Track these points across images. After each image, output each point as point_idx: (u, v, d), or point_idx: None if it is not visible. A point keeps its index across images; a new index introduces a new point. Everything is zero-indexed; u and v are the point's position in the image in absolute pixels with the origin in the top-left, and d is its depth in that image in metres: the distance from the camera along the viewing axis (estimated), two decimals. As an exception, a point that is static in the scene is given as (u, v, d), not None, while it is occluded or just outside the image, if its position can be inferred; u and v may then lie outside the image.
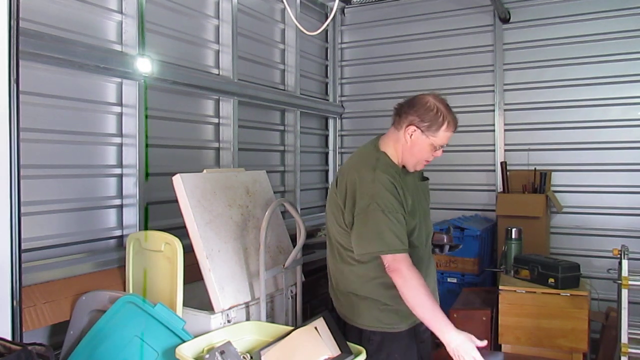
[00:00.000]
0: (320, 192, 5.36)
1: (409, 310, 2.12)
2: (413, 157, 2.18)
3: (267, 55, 4.42)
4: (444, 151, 2.24)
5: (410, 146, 2.15)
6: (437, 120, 2.09)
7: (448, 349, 1.99)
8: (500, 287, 3.29)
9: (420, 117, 2.10)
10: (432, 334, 2.25)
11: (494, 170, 4.66)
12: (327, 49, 5.36)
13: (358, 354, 2.06)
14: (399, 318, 2.23)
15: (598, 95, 4.31)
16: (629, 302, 2.83)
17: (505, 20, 4.58)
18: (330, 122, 5.39)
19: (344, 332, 2.22)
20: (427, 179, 2.44)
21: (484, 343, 1.97)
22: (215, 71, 3.81)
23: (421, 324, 2.30)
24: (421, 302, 2.02)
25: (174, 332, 2.19)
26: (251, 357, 2.25)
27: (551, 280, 3.17)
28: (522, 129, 4.59)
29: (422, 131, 2.11)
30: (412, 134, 2.13)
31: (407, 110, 2.15)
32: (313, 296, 3.43)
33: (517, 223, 3.85)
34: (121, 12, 3.02)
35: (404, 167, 2.23)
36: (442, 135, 2.12)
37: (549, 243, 4.36)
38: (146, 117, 3.06)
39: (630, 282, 2.83)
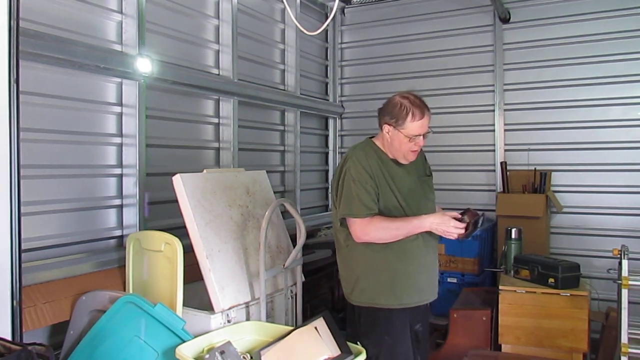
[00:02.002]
0: (320, 192, 5.36)
1: (391, 288, 2.34)
2: (398, 151, 2.40)
3: (267, 55, 4.42)
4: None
5: (390, 142, 2.40)
6: (401, 114, 2.33)
7: (434, 231, 2.29)
8: (500, 287, 3.29)
9: (390, 115, 2.37)
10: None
11: (494, 170, 4.65)
12: (327, 49, 5.36)
13: (358, 354, 2.07)
14: (382, 294, 2.35)
15: (598, 95, 4.31)
16: (629, 302, 2.82)
17: (505, 20, 4.58)
18: (330, 122, 5.39)
19: (345, 308, 2.44)
20: (430, 175, 2.62)
21: (454, 213, 2.30)
22: (215, 71, 3.81)
23: (415, 317, 2.43)
24: (396, 229, 2.29)
25: (174, 332, 2.19)
26: (251, 357, 2.25)
27: (551, 280, 3.17)
28: (522, 129, 4.59)
29: (394, 127, 2.36)
30: (388, 132, 2.39)
31: (381, 112, 2.43)
32: (313, 296, 3.44)
33: (517, 223, 3.85)
34: (121, 12, 3.02)
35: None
36: (411, 125, 2.33)
37: (549, 243, 4.36)
38: (146, 117, 3.06)
39: (630, 282, 2.83)
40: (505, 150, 4.62)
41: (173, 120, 3.47)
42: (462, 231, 2.25)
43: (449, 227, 2.25)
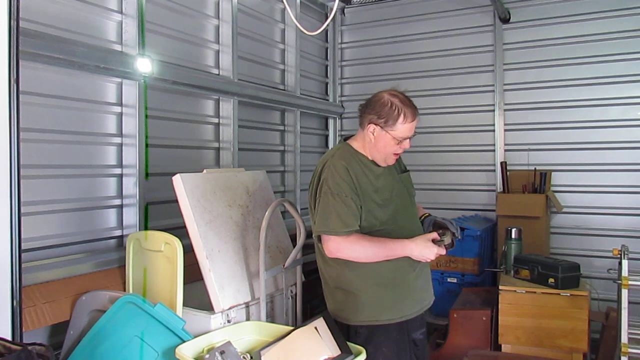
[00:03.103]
0: (320, 192, 5.35)
1: (392, 302, 2.23)
2: (380, 153, 2.26)
3: (267, 55, 4.42)
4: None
5: (374, 143, 2.24)
6: (392, 115, 2.18)
7: (414, 258, 2.18)
8: (500, 287, 3.29)
9: (377, 114, 2.20)
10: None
11: (494, 170, 4.65)
12: (327, 49, 5.36)
13: (358, 354, 2.07)
14: (383, 310, 2.25)
15: (598, 95, 4.30)
16: (629, 302, 2.83)
17: (505, 20, 4.58)
18: (330, 122, 5.39)
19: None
20: (407, 171, 2.51)
21: (433, 235, 2.20)
22: (215, 71, 3.81)
23: (414, 325, 2.36)
24: (373, 252, 2.16)
25: (174, 332, 2.19)
26: (251, 357, 2.25)
27: (551, 280, 3.17)
28: (522, 129, 4.59)
29: (381, 127, 2.20)
30: (373, 131, 2.23)
31: (366, 109, 2.26)
32: (313, 296, 3.43)
33: (517, 223, 3.85)
34: (121, 12, 3.02)
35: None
36: (401, 127, 2.19)
37: (549, 243, 4.36)
38: (146, 117, 3.06)
39: (630, 282, 2.83)
40: (505, 150, 4.62)
41: (173, 120, 3.47)
42: (443, 252, 2.18)
43: (431, 254, 2.15)
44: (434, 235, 2.20)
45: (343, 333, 2.26)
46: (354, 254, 2.17)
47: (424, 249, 2.16)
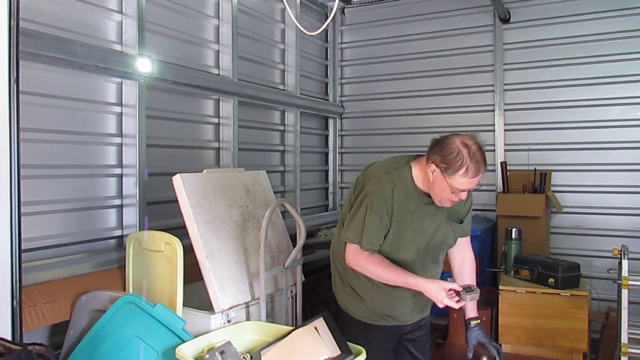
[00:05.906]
0: (320, 192, 5.36)
1: (383, 310, 2.32)
2: (435, 194, 2.19)
3: (267, 55, 4.42)
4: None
5: (432, 183, 2.16)
6: (454, 164, 2.06)
7: (427, 295, 2.17)
8: (500, 287, 3.29)
9: (442, 157, 2.09)
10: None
11: (494, 170, 4.64)
12: (327, 49, 5.36)
13: (358, 354, 2.07)
14: (372, 314, 2.35)
15: (598, 95, 4.30)
16: (629, 302, 2.83)
17: (505, 20, 4.58)
18: (330, 122, 5.39)
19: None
20: (462, 221, 2.42)
21: (454, 285, 2.18)
22: (215, 71, 3.81)
23: (406, 327, 2.42)
24: (385, 278, 2.22)
25: (174, 332, 2.19)
26: (251, 357, 2.25)
27: (551, 280, 3.17)
28: (522, 129, 4.59)
29: (441, 171, 2.10)
30: (433, 172, 2.14)
31: (434, 147, 2.16)
32: (313, 296, 3.43)
33: (517, 223, 3.85)
34: (121, 12, 3.02)
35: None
36: (459, 180, 2.08)
37: (549, 243, 4.36)
38: (146, 117, 3.06)
39: (630, 282, 2.83)
40: (505, 150, 4.62)
41: (173, 120, 3.47)
42: (455, 306, 2.15)
43: (438, 300, 2.12)
44: (454, 286, 2.16)
45: (333, 308, 2.42)
46: (368, 272, 2.24)
47: (437, 293, 2.13)
